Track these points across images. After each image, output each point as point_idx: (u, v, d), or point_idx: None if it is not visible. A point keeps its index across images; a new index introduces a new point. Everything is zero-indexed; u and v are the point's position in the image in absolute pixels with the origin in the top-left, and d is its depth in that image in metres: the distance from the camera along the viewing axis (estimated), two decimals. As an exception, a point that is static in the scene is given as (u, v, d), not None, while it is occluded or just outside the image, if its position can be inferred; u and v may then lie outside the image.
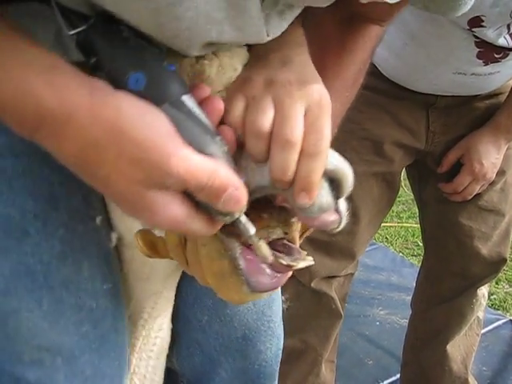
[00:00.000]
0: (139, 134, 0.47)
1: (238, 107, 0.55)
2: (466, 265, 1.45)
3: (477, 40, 1.18)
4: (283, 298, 1.45)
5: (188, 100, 0.51)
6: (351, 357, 2.07)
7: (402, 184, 3.42)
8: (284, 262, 0.56)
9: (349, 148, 1.32)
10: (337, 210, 0.57)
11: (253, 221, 0.55)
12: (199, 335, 0.86)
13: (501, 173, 1.38)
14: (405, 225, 3.16)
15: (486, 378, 2.01)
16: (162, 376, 0.87)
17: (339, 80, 0.76)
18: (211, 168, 0.49)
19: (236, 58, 0.60)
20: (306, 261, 0.59)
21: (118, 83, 0.49)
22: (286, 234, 0.60)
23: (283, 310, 1.43)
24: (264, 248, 0.55)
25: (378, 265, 2.75)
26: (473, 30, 1.15)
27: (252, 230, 0.54)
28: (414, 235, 3.01)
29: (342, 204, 0.57)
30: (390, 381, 1.93)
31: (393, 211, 3.40)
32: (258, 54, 0.61)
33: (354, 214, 1.37)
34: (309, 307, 1.45)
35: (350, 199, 1.39)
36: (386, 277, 2.64)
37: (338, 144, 1.34)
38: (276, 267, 0.57)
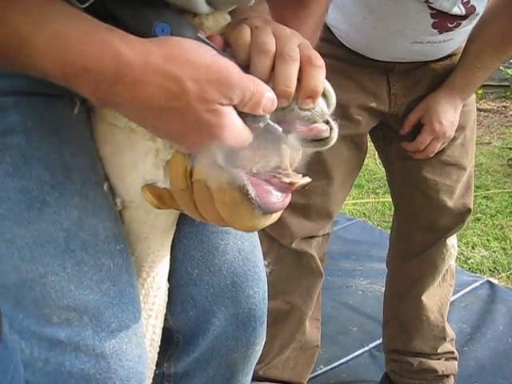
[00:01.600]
0: (207, 60, 0.57)
1: (247, 32, 0.64)
2: (434, 218, 1.52)
3: (432, 11, 1.25)
4: (265, 262, 1.51)
5: (202, 36, 0.62)
6: (336, 325, 2.13)
7: (377, 162, 3.51)
8: (287, 180, 0.65)
9: (317, 114, 1.38)
10: (327, 123, 0.67)
11: (254, 154, 0.64)
12: (191, 289, 0.90)
13: (460, 128, 1.45)
14: (381, 200, 3.25)
15: (465, 334, 2.10)
16: (160, 336, 0.90)
17: (299, 33, 0.84)
18: (251, 78, 0.59)
19: (225, 15, 0.71)
20: (304, 178, 0.67)
21: (146, 34, 0.58)
22: (281, 163, 0.68)
23: (267, 274, 1.50)
24: (293, 140, 0.65)
25: (357, 238, 2.82)
26: (429, 0, 1.22)
27: (280, 129, 0.63)
28: (390, 209, 3.08)
29: (331, 118, 0.68)
30: (375, 344, 2.00)
31: (369, 188, 3.49)
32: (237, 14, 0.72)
33: (327, 175, 1.44)
34: (291, 268, 1.50)
35: (322, 162, 1.47)
36: (366, 249, 2.70)
37: (306, 110, 1.39)
38: (280, 187, 0.65)
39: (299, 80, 0.62)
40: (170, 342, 0.96)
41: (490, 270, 2.61)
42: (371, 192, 3.44)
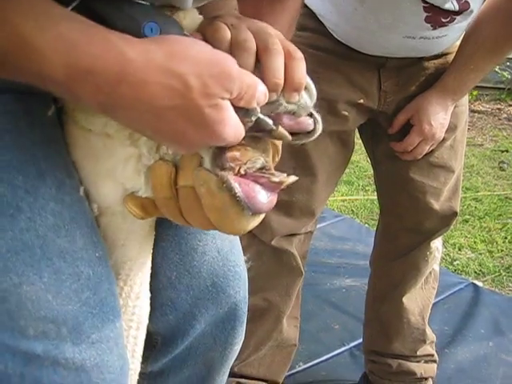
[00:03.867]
0: (206, 54, 0.57)
1: (224, 28, 0.63)
2: (419, 220, 1.50)
3: (425, 5, 1.22)
4: (245, 257, 1.49)
5: (188, 34, 0.62)
6: (318, 322, 2.12)
7: (368, 159, 3.49)
8: (276, 179, 0.64)
9: (304, 108, 1.35)
10: (311, 116, 0.67)
11: (242, 154, 0.63)
12: (171, 292, 0.87)
13: (451, 129, 1.42)
14: (370, 197, 3.23)
15: (447, 336, 2.09)
16: (142, 347, 0.86)
17: (276, 27, 0.81)
18: (245, 71, 0.59)
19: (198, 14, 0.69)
20: (290, 177, 0.66)
21: (135, 34, 0.57)
22: (266, 163, 0.67)
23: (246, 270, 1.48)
24: (283, 131, 0.65)
25: (343, 235, 2.80)
26: None
27: (271, 121, 0.63)
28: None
29: (315, 112, 0.68)
30: (356, 343, 1.98)
31: (358, 185, 3.47)
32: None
33: (311, 173, 1.41)
34: (270, 265, 1.47)
35: (307, 158, 1.44)
36: (352, 246, 2.69)
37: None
38: (269, 187, 0.64)
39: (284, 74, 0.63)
40: (148, 344, 0.93)
41: (476, 272, 2.60)
42: (361, 189, 3.42)
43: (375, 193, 1.66)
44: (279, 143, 0.71)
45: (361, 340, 1.85)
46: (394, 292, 1.61)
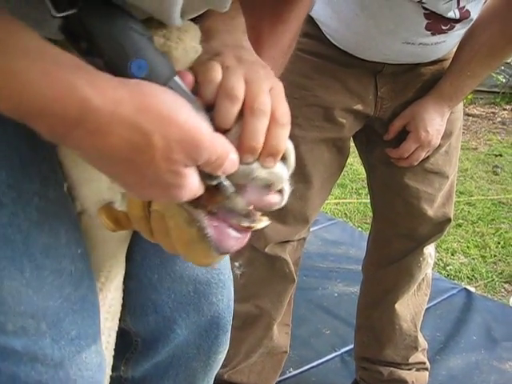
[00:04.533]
0: (180, 117, 0.52)
1: (216, 70, 0.60)
2: (413, 226, 1.49)
3: (426, 12, 1.22)
4: (237, 263, 1.48)
5: (178, 79, 0.57)
6: (309, 327, 2.11)
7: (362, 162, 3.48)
8: (245, 224, 0.62)
9: (300, 114, 1.34)
10: (280, 191, 0.64)
11: (211, 195, 0.60)
12: (152, 294, 0.86)
13: (446, 136, 1.42)
14: (364, 201, 3.22)
15: (439, 342, 2.09)
16: (115, 338, 0.87)
17: (276, 48, 0.80)
18: (219, 139, 0.55)
19: (195, 38, 0.65)
20: (263, 221, 0.65)
21: (119, 70, 0.53)
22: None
23: (237, 277, 1.46)
24: (240, 202, 0.61)
25: (336, 239, 2.80)
26: (423, 1, 1.18)
27: (232, 188, 0.60)
28: (372, 211, 3.08)
29: (287, 185, 0.65)
30: (347, 349, 1.97)
31: (352, 188, 3.47)
32: (210, 34, 0.66)
33: (306, 179, 1.40)
34: (262, 272, 1.47)
35: (302, 165, 1.43)
36: (345, 250, 2.68)
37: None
38: (238, 229, 0.63)
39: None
40: (128, 345, 0.93)
41: (468, 277, 2.60)
42: (354, 192, 3.42)
43: (368, 196, 1.65)
44: None
45: (352, 346, 1.83)
46: (386, 298, 1.60)
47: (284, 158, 0.63)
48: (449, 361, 1.99)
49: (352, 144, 1.56)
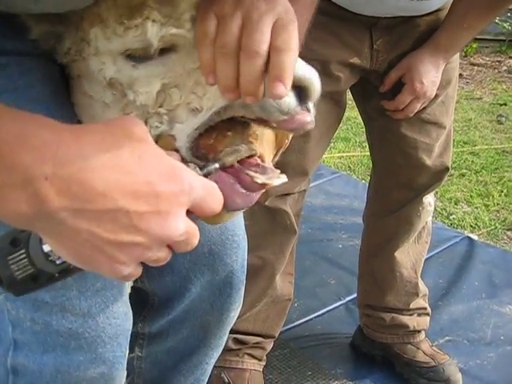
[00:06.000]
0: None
1: (211, 28, 0.61)
2: (411, 176, 1.52)
3: None
4: (238, 216, 1.51)
5: None
6: (314, 277, 2.16)
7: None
8: (259, 181, 0.62)
9: (296, 69, 1.35)
10: (309, 111, 0.62)
11: (217, 140, 0.62)
12: None
13: (443, 86, 1.43)
14: (367, 154, 3.22)
15: (441, 288, 2.14)
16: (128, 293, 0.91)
17: (299, 2, 0.80)
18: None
19: None
20: (279, 178, 0.64)
21: None
22: (253, 151, 0.65)
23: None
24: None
25: (340, 192, 2.83)
26: None
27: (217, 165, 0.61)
28: (376, 163, 3.09)
29: (312, 107, 0.63)
30: (352, 297, 2.02)
31: (356, 141, 3.47)
32: None
33: (304, 133, 1.41)
34: (264, 225, 1.50)
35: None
36: (348, 203, 2.72)
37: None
38: (251, 186, 0.62)
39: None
40: (145, 303, 0.98)
41: (471, 226, 2.63)
42: (358, 145, 3.43)
43: (367, 147, 1.67)
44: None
45: (356, 294, 1.88)
46: (386, 246, 1.64)
47: (301, 87, 0.60)
48: (450, 306, 2.04)
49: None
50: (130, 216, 0.49)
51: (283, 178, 0.64)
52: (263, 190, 0.64)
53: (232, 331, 1.58)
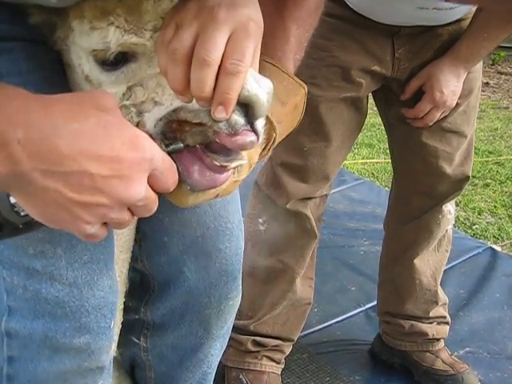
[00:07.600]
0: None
1: (168, 36, 0.64)
2: (432, 184, 1.52)
3: None
4: (261, 220, 1.54)
5: None
6: (335, 283, 2.17)
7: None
8: (217, 163, 0.65)
9: (319, 75, 1.38)
10: (254, 131, 0.63)
11: (187, 122, 0.64)
12: (164, 236, 0.95)
13: (465, 95, 1.43)
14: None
15: (462, 299, 2.12)
16: (128, 268, 0.98)
17: (303, 8, 0.83)
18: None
19: None
20: (238, 160, 0.66)
21: None
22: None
23: (261, 232, 1.52)
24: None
25: (363, 198, 2.83)
26: None
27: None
28: (400, 171, 3.07)
29: (260, 125, 0.64)
30: (372, 304, 2.01)
31: (380, 148, 3.47)
32: None
33: (325, 138, 1.44)
34: (285, 228, 1.51)
35: (321, 124, 1.48)
36: (371, 209, 2.72)
37: (308, 71, 1.40)
38: (211, 167, 0.65)
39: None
40: (147, 288, 1.03)
41: (495, 236, 2.61)
42: (382, 152, 3.42)
43: (389, 155, 1.68)
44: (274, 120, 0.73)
45: (376, 302, 1.88)
46: (405, 254, 1.64)
47: (247, 105, 0.61)
48: (471, 317, 2.02)
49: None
50: (93, 178, 0.55)
51: (242, 160, 0.66)
52: (229, 173, 0.67)
53: (251, 333, 1.61)
